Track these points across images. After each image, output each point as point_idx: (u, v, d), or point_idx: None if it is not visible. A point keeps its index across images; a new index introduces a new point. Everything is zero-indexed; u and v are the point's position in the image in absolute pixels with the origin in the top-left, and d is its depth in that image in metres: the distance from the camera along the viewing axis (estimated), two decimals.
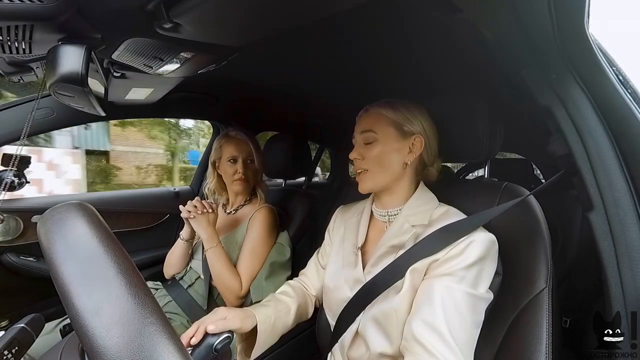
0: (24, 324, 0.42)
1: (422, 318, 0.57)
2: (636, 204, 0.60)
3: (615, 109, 0.63)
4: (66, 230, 0.31)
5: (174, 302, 1.12)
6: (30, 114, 0.72)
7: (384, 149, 0.72)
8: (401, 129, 0.73)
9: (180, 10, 0.55)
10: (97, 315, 0.25)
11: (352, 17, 0.72)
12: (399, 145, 0.73)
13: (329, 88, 1.26)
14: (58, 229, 0.32)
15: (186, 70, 0.80)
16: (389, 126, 0.73)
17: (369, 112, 0.76)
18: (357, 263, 0.74)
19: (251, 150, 1.19)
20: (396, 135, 0.73)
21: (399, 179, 0.74)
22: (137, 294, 0.27)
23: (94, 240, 0.30)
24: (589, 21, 0.58)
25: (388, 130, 0.73)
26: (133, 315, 0.26)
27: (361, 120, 0.77)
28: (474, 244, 0.61)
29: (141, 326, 0.25)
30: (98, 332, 0.25)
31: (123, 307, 0.26)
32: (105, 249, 0.29)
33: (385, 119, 0.73)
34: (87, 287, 0.27)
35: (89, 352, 0.24)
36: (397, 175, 0.74)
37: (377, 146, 0.73)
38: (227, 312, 0.67)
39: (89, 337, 0.25)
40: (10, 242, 1.14)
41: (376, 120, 0.74)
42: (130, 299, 0.27)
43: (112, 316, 0.25)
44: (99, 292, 0.27)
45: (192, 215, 1.03)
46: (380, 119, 0.74)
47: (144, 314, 0.26)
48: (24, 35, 0.53)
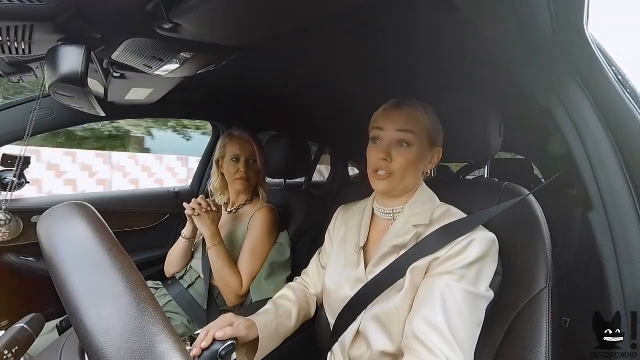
0: (24, 324, 0.42)
1: (423, 316, 0.57)
2: (636, 204, 0.60)
3: (615, 109, 0.63)
4: (66, 230, 0.31)
5: (174, 301, 1.12)
6: (31, 113, 0.72)
7: (415, 156, 0.68)
8: (432, 138, 0.70)
9: (180, 10, 0.55)
10: (96, 314, 0.25)
11: (351, 17, 0.72)
12: (426, 154, 0.71)
13: (329, 88, 1.26)
14: (58, 229, 0.32)
15: (186, 71, 0.80)
16: (424, 132, 0.69)
17: (404, 110, 0.69)
18: (360, 263, 0.74)
19: (254, 151, 1.19)
20: (427, 143, 0.70)
21: (413, 185, 0.74)
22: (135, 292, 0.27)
23: (94, 240, 0.30)
24: (589, 21, 0.58)
25: (423, 137, 0.69)
26: (132, 313, 0.26)
27: (393, 116, 0.70)
28: (475, 242, 0.61)
29: (140, 324, 0.25)
30: (97, 331, 0.25)
31: (122, 305, 0.26)
32: (105, 250, 0.29)
33: (422, 123, 0.69)
34: (86, 286, 0.27)
35: (88, 350, 0.25)
36: (414, 182, 0.73)
37: (411, 152, 0.68)
38: (234, 318, 0.67)
39: (88, 335, 0.25)
40: (10, 242, 1.14)
41: (414, 122, 0.68)
42: (128, 296, 0.27)
43: (111, 314, 0.26)
44: (98, 290, 0.27)
45: (196, 212, 1.04)
46: (418, 122, 0.68)
47: (143, 312, 0.26)
48: (24, 36, 0.53)
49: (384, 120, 0.71)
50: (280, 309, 0.78)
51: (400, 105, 0.71)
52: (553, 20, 0.56)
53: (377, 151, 0.69)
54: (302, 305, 0.82)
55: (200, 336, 0.62)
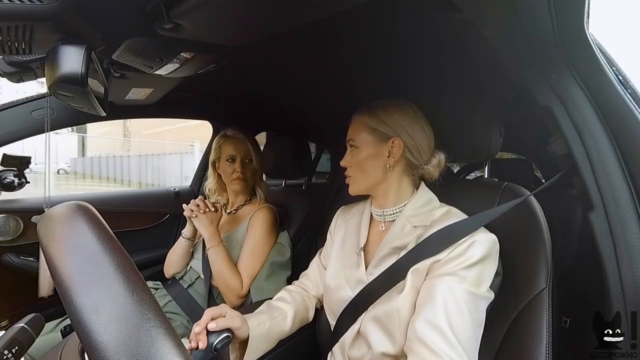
0: (24, 324, 0.42)
1: (425, 318, 0.57)
2: (636, 204, 0.60)
3: (615, 109, 0.63)
4: (66, 230, 0.31)
5: (174, 301, 1.12)
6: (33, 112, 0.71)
7: (362, 155, 0.74)
8: (377, 134, 0.73)
9: (181, 10, 0.55)
10: (95, 312, 0.25)
11: (351, 17, 0.72)
12: (377, 150, 0.73)
13: (329, 88, 1.26)
14: (58, 229, 0.32)
15: (186, 70, 0.80)
16: (366, 133, 0.74)
17: (353, 120, 0.77)
18: (360, 264, 0.74)
19: (249, 150, 1.19)
20: (373, 140, 0.73)
21: (383, 182, 0.74)
22: (135, 290, 0.27)
23: (94, 240, 0.30)
24: (589, 21, 0.58)
25: (365, 137, 0.74)
26: (131, 312, 0.26)
27: (348, 129, 0.78)
28: (476, 244, 0.61)
29: (139, 322, 0.25)
30: (96, 329, 0.25)
31: (121, 304, 0.26)
32: (105, 249, 0.29)
33: (364, 126, 0.74)
34: (86, 285, 0.27)
35: (87, 348, 0.25)
36: (379, 178, 0.74)
37: (357, 153, 0.74)
38: (226, 308, 0.68)
39: (88, 333, 0.25)
40: (10, 242, 1.14)
41: (357, 128, 0.75)
42: (128, 295, 0.27)
43: (110, 313, 0.26)
44: (98, 290, 0.27)
45: (195, 214, 1.04)
46: (360, 127, 0.75)
47: (142, 311, 0.26)
48: (24, 35, 0.53)
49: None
50: (275, 310, 0.78)
51: (353, 117, 0.78)
52: (553, 20, 0.56)
53: (342, 161, 0.78)
54: (298, 308, 0.82)
55: (194, 329, 0.62)
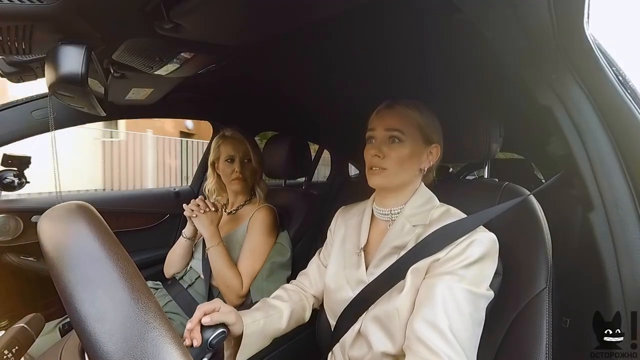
0: (24, 324, 0.42)
1: (424, 317, 0.57)
2: (636, 204, 0.60)
3: (615, 109, 0.63)
4: (66, 230, 0.31)
5: (174, 301, 1.12)
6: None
7: (406, 151, 0.71)
8: (425, 135, 0.72)
9: (180, 10, 0.55)
10: (100, 320, 0.25)
11: (352, 17, 0.72)
12: (421, 150, 0.72)
13: (329, 88, 1.26)
14: (58, 229, 0.31)
15: (186, 71, 0.80)
16: (416, 129, 0.71)
17: (395, 109, 0.73)
18: (360, 264, 0.74)
19: (248, 150, 1.19)
20: (421, 140, 0.72)
21: (411, 183, 0.74)
22: (139, 298, 0.27)
23: (94, 240, 0.30)
24: (589, 21, 0.58)
25: (414, 133, 0.71)
26: (136, 320, 0.26)
27: (384, 116, 0.73)
28: (475, 243, 0.61)
29: (145, 331, 0.25)
30: (101, 338, 0.25)
31: (126, 312, 0.26)
32: (105, 250, 0.29)
33: (414, 121, 0.72)
34: (90, 293, 0.27)
35: (92, 357, 0.24)
36: (410, 179, 0.74)
37: (403, 147, 0.71)
38: (221, 304, 0.67)
39: (93, 342, 0.25)
40: (10, 242, 1.14)
41: (404, 120, 0.71)
42: (133, 303, 0.26)
43: (115, 321, 0.25)
44: (102, 297, 0.27)
45: (195, 213, 1.04)
46: (408, 120, 0.71)
47: (147, 319, 0.26)
48: (24, 35, 0.53)
49: (376, 120, 0.74)
50: (271, 308, 0.78)
51: (392, 105, 0.74)
52: (553, 21, 0.56)
53: (371, 149, 0.73)
54: (295, 307, 0.81)
55: (188, 325, 0.62)
